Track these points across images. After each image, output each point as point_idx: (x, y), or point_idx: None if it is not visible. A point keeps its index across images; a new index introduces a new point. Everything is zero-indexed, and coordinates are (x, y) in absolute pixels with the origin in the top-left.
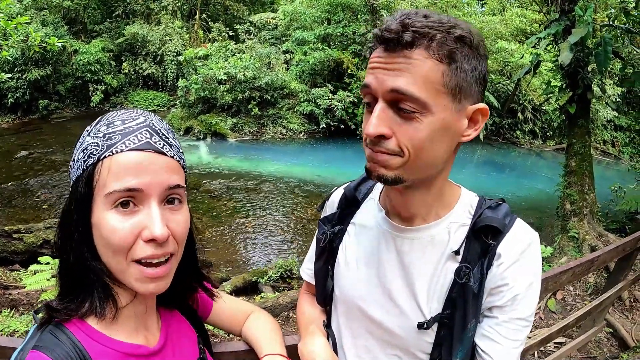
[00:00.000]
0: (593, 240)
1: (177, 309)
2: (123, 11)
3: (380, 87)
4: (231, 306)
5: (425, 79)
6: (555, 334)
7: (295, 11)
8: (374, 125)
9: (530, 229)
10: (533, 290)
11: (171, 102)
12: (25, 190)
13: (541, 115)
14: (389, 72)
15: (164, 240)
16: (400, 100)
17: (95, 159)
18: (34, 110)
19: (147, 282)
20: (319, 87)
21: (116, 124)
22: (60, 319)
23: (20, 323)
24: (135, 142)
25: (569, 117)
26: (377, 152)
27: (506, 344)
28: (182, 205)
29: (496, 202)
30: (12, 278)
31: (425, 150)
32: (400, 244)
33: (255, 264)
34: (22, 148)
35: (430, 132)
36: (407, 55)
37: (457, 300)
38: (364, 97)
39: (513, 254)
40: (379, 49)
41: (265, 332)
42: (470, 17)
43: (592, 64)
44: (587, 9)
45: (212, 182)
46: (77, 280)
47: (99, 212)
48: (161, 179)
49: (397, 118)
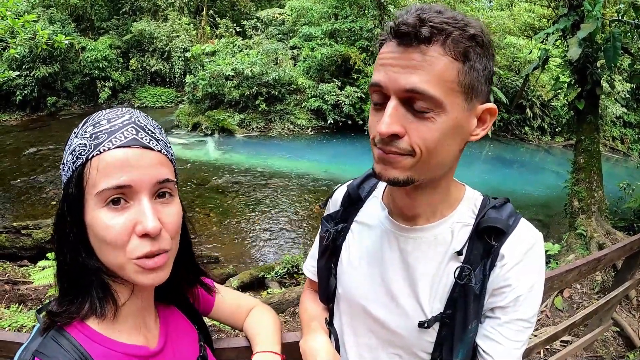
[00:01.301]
0: (601, 237)
1: (175, 305)
2: (130, 8)
3: (394, 85)
4: (233, 301)
5: (440, 76)
6: (562, 332)
7: (303, 7)
8: (387, 124)
9: (534, 229)
10: (536, 291)
11: (179, 98)
12: (33, 187)
13: (550, 111)
14: (403, 69)
15: (156, 234)
16: (414, 99)
17: (84, 159)
18: (42, 107)
19: (147, 273)
20: (327, 82)
21: (102, 123)
22: (62, 322)
23: (28, 318)
24: (122, 139)
25: (577, 113)
26: (389, 152)
27: (508, 345)
28: (173, 198)
29: (500, 202)
30: (21, 274)
31: (437, 150)
32: (404, 243)
33: (262, 260)
34: (30, 145)
35: (444, 131)
36: (424, 51)
37: (458, 300)
38: (372, 95)
39: (516, 255)
40: (391, 43)
41: (263, 328)
42: (479, 12)
43: (601, 59)
44: (596, 4)
45: (219, 178)
46: (75, 281)
47: (91, 212)
48: (150, 173)
49: (410, 116)
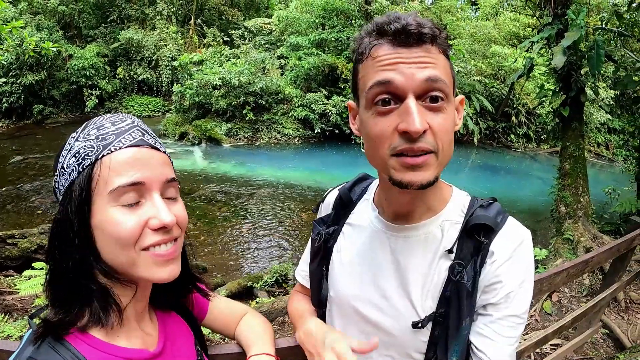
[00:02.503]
0: (588, 242)
1: (174, 310)
2: (118, 16)
3: (411, 80)
4: (226, 308)
5: (444, 69)
6: (551, 335)
7: (290, 16)
8: (419, 120)
9: (522, 226)
10: (526, 287)
11: (166, 107)
12: (19, 196)
13: (535, 118)
14: (416, 64)
15: (172, 226)
16: (432, 90)
17: (92, 159)
18: (28, 115)
19: (162, 266)
20: (314, 92)
21: (106, 126)
22: (60, 333)
23: (15, 328)
24: (131, 139)
25: (562, 120)
26: (419, 152)
27: (501, 341)
28: (178, 198)
29: (488, 201)
30: (6, 284)
31: (449, 140)
32: (394, 243)
33: (250, 269)
34: (16, 153)
35: (451, 121)
36: (428, 49)
37: (451, 298)
38: (374, 97)
39: (506, 252)
40: (386, 46)
41: (255, 332)
42: (464, 22)
43: (585, 67)
44: (580, 12)
45: (207, 188)
46: (72, 289)
47: (101, 211)
48: (160, 172)
49: (425, 111)
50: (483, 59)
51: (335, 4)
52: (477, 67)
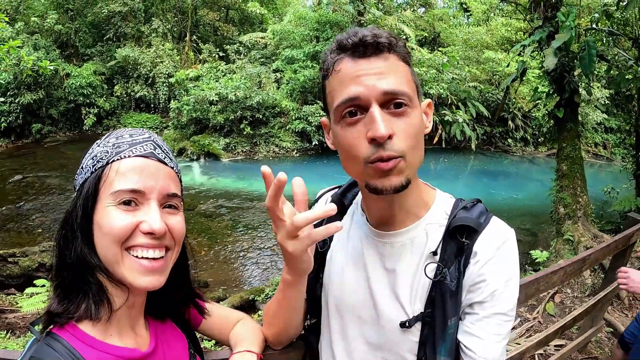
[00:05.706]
0: (588, 242)
1: (169, 317)
2: (114, 34)
3: (373, 91)
4: (221, 315)
5: (405, 76)
6: (553, 335)
7: (284, 30)
8: (384, 126)
9: (506, 226)
10: (511, 285)
11: (164, 123)
12: (19, 214)
13: (531, 122)
14: (376, 75)
15: (161, 234)
16: (392, 99)
17: (104, 162)
18: (27, 134)
19: (142, 275)
20: (310, 104)
21: (124, 137)
22: (61, 323)
23: (17, 345)
24: (141, 150)
25: (557, 122)
26: (387, 158)
27: (488, 339)
28: (179, 212)
29: (471, 203)
30: (8, 302)
31: (417, 144)
32: (382, 248)
33: (251, 283)
34: (16, 172)
35: (417, 124)
36: (386, 58)
37: (436, 298)
38: (343, 112)
39: (489, 251)
40: (347, 59)
41: (243, 334)
42: (457, 29)
43: (578, 68)
44: (569, 14)
45: (206, 203)
46: (73, 280)
47: (102, 208)
48: (162, 184)
49: (390, 117)
50: (477, 65)
51: (329, 16)
52: (472, 73)
